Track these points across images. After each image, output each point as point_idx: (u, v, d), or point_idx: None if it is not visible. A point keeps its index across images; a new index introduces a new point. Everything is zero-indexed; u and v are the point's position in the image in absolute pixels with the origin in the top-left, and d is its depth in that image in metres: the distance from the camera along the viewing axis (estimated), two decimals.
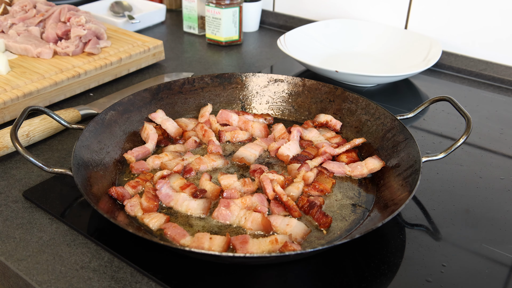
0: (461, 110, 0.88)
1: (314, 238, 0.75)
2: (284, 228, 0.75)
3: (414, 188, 0.74)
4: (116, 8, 1.66)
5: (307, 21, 1.62)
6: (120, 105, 0.97)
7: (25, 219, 0.80)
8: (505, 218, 0.82)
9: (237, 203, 0.79)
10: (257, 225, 0.75)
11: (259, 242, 0.71)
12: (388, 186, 0.84)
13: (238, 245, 0.70)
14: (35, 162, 0.75)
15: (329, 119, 1.03)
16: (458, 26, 1.38)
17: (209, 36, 1.56)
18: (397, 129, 0.91)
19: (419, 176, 0.76)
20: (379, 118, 0.97)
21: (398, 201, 0.75)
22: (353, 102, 1.02)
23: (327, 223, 0.77)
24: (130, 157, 0.90)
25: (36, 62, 1.21)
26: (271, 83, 1.10)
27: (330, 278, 0.69)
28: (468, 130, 0.83)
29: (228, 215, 0.77)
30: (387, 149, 0.91)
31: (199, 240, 0.71)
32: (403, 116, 0.96)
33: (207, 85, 1.09)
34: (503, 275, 0.70)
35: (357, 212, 0.81)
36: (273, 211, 0.80)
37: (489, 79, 1.35)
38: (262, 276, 0.70)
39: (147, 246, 0.73)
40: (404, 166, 0.84)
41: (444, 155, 0.84)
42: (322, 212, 0.78)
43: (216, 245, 0.70)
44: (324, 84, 1.07)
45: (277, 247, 0.70)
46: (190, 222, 0.78)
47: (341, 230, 0.77)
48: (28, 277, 0.69)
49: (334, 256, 0.73)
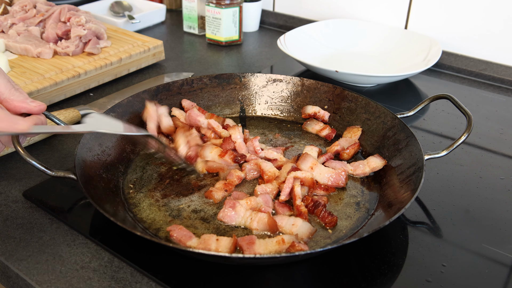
0: (461, 107, 0.88)
1: (319, 237, 0.76)
2: (290, 228, 0.75)
3: (418, 186, 0.74)
4: (116, 8, 1.66)
5: (307, 21, 1.62)
6: (120, 107, 0.97)
7: (25, 219, 0.80)
8: (505, 218, 0.82)
9: (242, 204, 0.79)
10: (263, 225, 0.75)
11: (265, 243, 0.71)
12: (390, 185, 0.84)
13: (245, 246, 0.70)
14: (38, 166, 0.75)
15: (317, 110, 1.04)
16: (458, 26, 1.38)
17: (209, 36, 1.56)
18: (397, 127, 0.91)
19: (422, 174, 0.76)
20: (379, 117, 0.97)
21: (402, 200, 0.75)
22: (353, 101, 1.03)
23: (332, 222, 0.77)
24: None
25: (36, 62, 1.21)
26: (270, 83, 1.10)
27: (331, 278, 0.69)
28: (469, 127, 0.83)
29: (233, 216, 0.77)
30: (389, 148, 0.91)
31: (206, 242, 0.71)
32: (403, 115, 0.96)
33: (205, 86, 1.09)
34: (503, 275, 0.70)
35: (361, 211, 0.82)
36: (278, 211, 0.80)
37: (489, 79, 1.35)
38: (263, 276, 0.70)
39: (151, 248, 0.73)
40: (406, 164, 0.84)
41: (446, 152, 0.84)
42: (327, 211, 0.78)
43: (223, 247, 0.70)
44: (323, 84, 1.07)
45: (284, 247, 0.70)
46: (194, 224, 0.78)
47: (346, 229, 0.77)
48: (28, 277, 0.69)
49: (335, 257, 0.72)
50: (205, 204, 0.83)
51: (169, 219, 0.79)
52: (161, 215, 0.80)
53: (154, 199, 0.83)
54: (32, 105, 0.75)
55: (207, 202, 0.83)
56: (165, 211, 0.81)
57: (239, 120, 1.08)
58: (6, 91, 0.74)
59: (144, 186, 0.87)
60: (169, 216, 0.80)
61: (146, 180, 0.88)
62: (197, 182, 0.88)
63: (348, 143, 0.95)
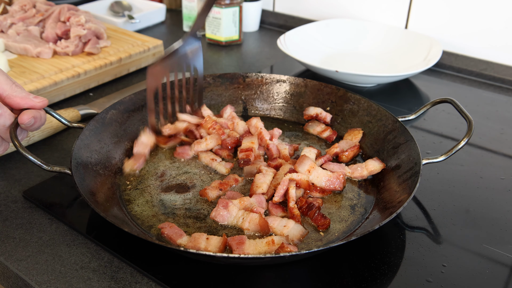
0: (462, 112, 0.87)
1: (311, 239, 0.75)
2: (281, 229, 0.74)
3: (413, 190, 0.74)
4: (116, 8, 1.66)
5: (307, 21, 1.62)
6: (121, 104, 0.96)
7: (25, 219, 0.80)
8: (505, 218, 0.82)
9: (235, 204, 0.79)
10: (255, 225, 0.75)
11: (255, 243, 0.71)
12: (388, 188, 0.83)
13: (234, 246, 0.70)
14: (34, 161, 0.75)
15: (319, 111, 1.04)
16: (458, 26, 1.38)
17: (209, 36, 1.55)
18: (398, 130, 0.91)
19: (418, 179, 0.76)
20: (381, 120, 0.96)
21: (397, 203, 0.75)
22: (355, 103, 1.02)
23: (325, 225, 0.77)
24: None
25: (35, 62, 1.20)
26: (273, 83, 1.10)
27: (329, 279, 0.69)
28: (470, 132, 0.82)
29: (226, 216, 0.77)
30: (388, 151, 0.91)
31: (196, 240, 0.71)
32: (404, 118, 0.96)
33: (209, 85, 1.09)
34: (504, 275, 0.70)
35: (356, 214, 0.81)
36: (271, 212, 0.80)
37: (489, 79, 1.34)
38: (261, 277, 0.70)
39: (144, 245, 0.73)
40: (404, 168, 0.83)
41: (444, 157, 0.83)
42: (321, 214, 0.78)
43: (212, 246, 0.70)
44: (326, 85, 1.06)
45: (274, 248, 0.70)
46: (187, 222, 0.78)
47: (339, 231, 0.77)
48: (28, 277, 0.69)
49: (334, 257, 0.72)
50: (199, 203, 0.83)
51: (162, 217, 0.79)
52: (154, 212, 0.80)
53: (150, 196, 0.84)
54: (36, 101, 0.74)
55: (201, 201, 0.83)
56: (159, 208, 0.81)
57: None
58: (7, 87, 0.73)
59: (140, 183, 0.87)
60: (163, 214, 0.80)
61: (143, 177, 0.88)
62: (192, 181, 0.88)
63: (348, 146, 0.95)
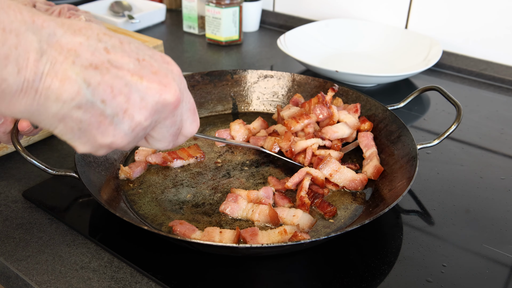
0: (450, 98, 0.90)
1: (320, 227, 0.77)
2: (291, 219, 0.76)
3: (413, 174, 0.76)
4: (116, 8, 1.66)
5: (307, 21, 1.62)
6: None
7: (25, 219, 0.80)
8: (505, 218, 0.82)
9: (243, 196, 0.80)
10: (265, 216, 0.77)
11: (268, 234, 0.73)
12: (385, 175, 0.86)
13: (248, 238, 0.71)
14: (38, 165, 0.75)
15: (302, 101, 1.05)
16: (458, 25, 1.38)
17: (209, 36, 1.55)
18: (389, 119, 0.94)
19: (417, 163, 0.79)
20: (370, 110, 0.99)
21: (398, 188, 0.77)
22: (343, 95, 1.04)
23: (332, 212, 0.79)
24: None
25: None
26: (261, 79, 1.11)
27: (330, 279, 0.69)
28: (459, 117, 0.86)
29: (236, 209, 0.78)
30: (381, 139, 0.94)
31: (210, 234, 0.72)
32: (393, 107, 0.99)
33: (197, 83, 1.09)
34: (504, 275, 0.70)
35: (357, 201, 0.83)
36: (278, 204, 0.81)
37: (489, 79, 1.34)
38: (261, 275, 0.70)
39: (150, 247, 0.73)
40: (399, 154, 0.86)
41: (437, 142, 0.86)
42: (327, 202, 0.80)
43: (226, 238, 0.71)
44: (314, 78, 1.08)
45: (287, 237, 0.72)
46: (196, 218, 0.78)
47: (344, 218, 0.79)
48: (28, 277, 0.69)
49: (334, 257, 0.72)
50: (206, 198, 0.83)
51: (170, 214, 0.79)
52: (162, 210, 0.80)
53: (155, 195, 0.84)
54: None
55: (208, 197, 0.83)
56: (166, 206, 0.81)
57: (232, 117, 1.09)
58: None
59: (143, 182, 0.87)
60: (170, 211, 0.80)
61: (145, 176, 0.88)
62: (196, 177, 0.88)
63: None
